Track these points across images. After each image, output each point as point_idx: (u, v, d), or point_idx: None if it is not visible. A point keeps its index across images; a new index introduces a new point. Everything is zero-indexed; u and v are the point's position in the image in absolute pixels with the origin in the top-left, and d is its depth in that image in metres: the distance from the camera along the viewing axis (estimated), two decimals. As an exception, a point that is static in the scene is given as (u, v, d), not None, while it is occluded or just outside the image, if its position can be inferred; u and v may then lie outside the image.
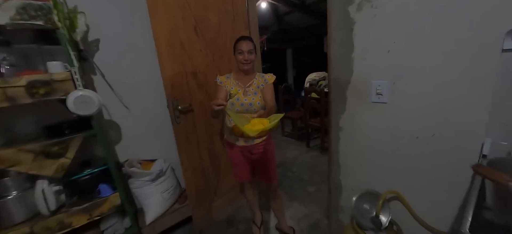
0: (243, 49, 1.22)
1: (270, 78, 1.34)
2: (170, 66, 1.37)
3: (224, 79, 1.32)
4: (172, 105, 1.41)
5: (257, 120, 1.00)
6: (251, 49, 1.23)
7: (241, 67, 1.26)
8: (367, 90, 1.09)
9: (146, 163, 1.70)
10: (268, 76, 1.35)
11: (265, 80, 1.33)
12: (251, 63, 1.26)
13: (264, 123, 0.97)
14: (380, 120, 1.08)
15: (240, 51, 1.22)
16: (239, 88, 1.30)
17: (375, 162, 1.16)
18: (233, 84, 1.30)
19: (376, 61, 1.03)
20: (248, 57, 1.23)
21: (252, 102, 1.27)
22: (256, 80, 1.32)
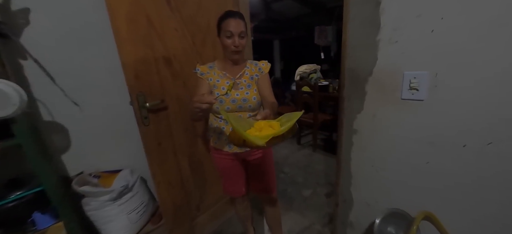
0: (232, 30, 0.90)
1: (265, 67, 1.05)
2: (133, 48, 1.01)
3: (206, 69, 1.00)
4: (137, 101, 1.05)
5: (263, 122, 0.71)
6: (243, 31, 0.92)
7: (230, 55, 0.95)
8: (396, 83, 0.84)
9: (108, 175, 1.33)
10: (262, 63, 1.05)
11: (259, 69, 1.04)
12: (242, 51, 0.96)
13: (274, 126, 0.68)
14: (412, 123, 0.84)
15: (228, 34, 0.91)
16: (227, 80, 0.98)
17: (402, 175, 0.93)
18: (219, 75, 0.99)
19: (413, 45, 0.78)
20: (239, 42, 0.92)
21: (247, 98, 0.97)
22: (249, 70, 1.02)
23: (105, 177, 1.31)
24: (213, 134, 1.07)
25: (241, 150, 1.05)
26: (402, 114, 0.86)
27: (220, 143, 1.06)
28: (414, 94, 0.81)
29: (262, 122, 0.71)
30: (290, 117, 0.71)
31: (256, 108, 1.02)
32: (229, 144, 1.04)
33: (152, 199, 1.46)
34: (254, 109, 1.01)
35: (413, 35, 0.77)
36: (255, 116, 0.85)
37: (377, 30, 0.84)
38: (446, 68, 0.73)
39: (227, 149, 1.05)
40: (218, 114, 1.01)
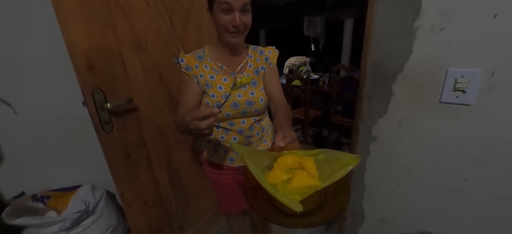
0: (231, 2, 0.60)
1: (273, 55, 0.79)
2: (83, 28, 0.71)
3: (194, 60, 0.71)
4: (94, 101, 0.77)
5: (291, 157, 0.49)
6: (247, 3, 0.63)
7: (227, 38, 0.66)
8: (435, 83, 0.67)
9: (61, 195, 1.03)
10: (268, 51, 0.79)
11: (266, 60, 0.78)
12: (245, 32, 0.68)
13: (308, 168, 0.47)
14: (452, 132, 0.69)
15: (226, 7, 0.60)
16: (224, 76, 0.73)
17: (429, 192, 0.79)
18: (213, 69, 0.72)
19: (464, 34, 0.60)
20: (241, 20, 0.63)
21: (252, 99, 0.73)
22: (252, 60, 0.77)
23: (56, 198, 1.01)
24: (208, 145, 0.83)
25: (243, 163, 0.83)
26: (439, 122, 0.70)
27: (217, 156, 0.82)
28: (459, 97, 0.64)
29: (289, 157, 0.49)
30: (333, 159, 0.47)
31: (263, 112, 0.78)
32: (230, 157, 0.81)
33: (123, 219, 1.19)
34: (261, 113, 0.78)
35: (466, 21, 0.59)
36: (268, 138, 0.61)
37: (416, 13, 0.65)
38: (508, 66, 0.57)
39: (228, 163, 0.82)
40: (216, 121, 0.76)
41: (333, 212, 0.43)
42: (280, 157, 0.49)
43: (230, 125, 0.75)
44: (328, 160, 0.49)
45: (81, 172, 1.11)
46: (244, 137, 0.77)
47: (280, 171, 0.48)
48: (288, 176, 0.47)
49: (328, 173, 0.45)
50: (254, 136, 0.79)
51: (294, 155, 0.49)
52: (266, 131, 0.85)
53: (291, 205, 0.39)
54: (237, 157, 0.81)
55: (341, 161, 0.46)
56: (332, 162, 0.47)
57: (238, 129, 0.76)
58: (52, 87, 0.97)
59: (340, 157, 0.47)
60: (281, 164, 0.49)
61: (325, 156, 0.50)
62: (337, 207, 0.45)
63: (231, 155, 0.81)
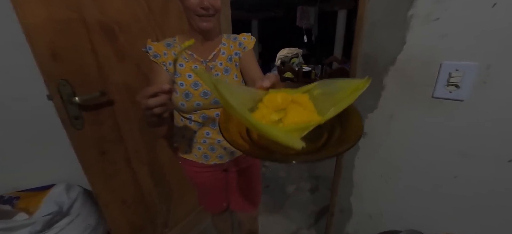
0: None
1: (249, 41, 0.74)
2: (43, 9, 0.63)
3: (162, 48, 0.67)
4: (60, 94, 0.69)
5: (281, 94, 0.40)
6: None
7: (197, 22, 0.62)
8: (428, 77, 0.64)
9: (33, 194, 0.96)
10: (243, 37, 0.74)
11: (240, 45, 0.73)
12: (215, 16, 0.64)
13: (303, 103, 0.40)
14: (443, 128, 0.66)
15: None
16: (195, 64, 0.68)
17: (419, 188, 0.77)
18: (183, 57, 0.68)
19: (461, 24, 0.56)
20: (210, 2, 0.59)
21: None
22: (225, 48, 0.72)
23: (26, 199, 0.93)
24: (182, 140, 0.77)
25: (223, 161, 0.78)
26: (430, 117, 0.67)
27: (191, 154, 0.77)
28: (452, 92, 0.61)
29: (277, 94, 0.40)
30: (333, 90, 0.39)
31: None
32: (204, 154, 0.76)
33: (103, 218, 1.13)
34: None
35: (463, 10, 0.55)
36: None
37: (410, 1, 0.60)
38: (506, 59, 0.54)
39: (203, 161, 0.77)
40: (185, 113, 0.71)
41: (341, 147, 0.34)
42: (267, 95, 0.40)
43: (202, 118, 0.70)
44: (327, 93, 0.40)
45: (55, 169, 1.03)
46: (218, 132, 0.72)
47: (267, 110, 0.39)
48: (279, 116, 0.38)
49: (329, 107, 0.37)
50: None
51: (283, 92, 0.40)
52: None
53: (290, 142, 0.31)
54: (212, 154, 0.76)
55: (344, 90, 0.38)
56: (332, 95, 0.39)
57: (211, 123, 0.71)
58: (12, 78, 0.87)
59: (343, 86, 0.38)
60: (268, 103, 0.39)
61: (322, 90, 0.41)
62: (348, 140, 0.35)
63: (206, 152, 0.75)
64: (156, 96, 0.44)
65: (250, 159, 0.86)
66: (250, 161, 0.87)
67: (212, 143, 0.74)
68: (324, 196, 1.83)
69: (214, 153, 0.76)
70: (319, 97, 0.41)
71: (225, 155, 0.77)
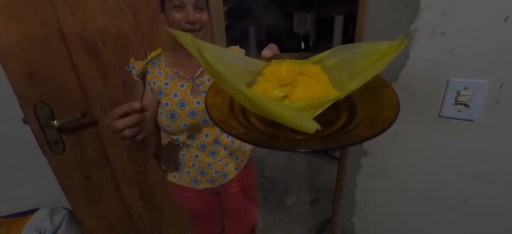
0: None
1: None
2: (17, 28, 0.58)
3: (147, 67, 0.61)
4: (37, 118, 0.64)
5: (285, 64, 0.33)
6: (200, 1, 0.56)
7: None
8: (435, 95, 0.59)
9: (14, 220, 0.89)
10: (231, 50, 0.71)
11: None
12: (202, 31, 0.59)
13: (313, 74, 0.32)
14: (452, 149, 0.61)
15: (177, 3, 0.54)
16: (181, 82, 0.63)
17: (425, 212, 0.72)
18: (168, 75, 0.63)
19: (470, 39, 0.52)
20: (194, 16, 0.55)
21: None
22: None
23: (7, 225, 0.87)
24: (169, 163, 0.72)
25: (214, 185, 0.72)
26: (438, 137, 0.62)
27: (180, 178, 0.72)
28: (461, 111, 0.56)
29: (282, 65, 0.33)
30: (352, 55, 0.31)
31: None
32: (194, 178, 0.70)
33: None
34: None
35: (472, 24, 0.51)
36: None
37: (414, 13, 0.56)
38: (521, 76, 0.49)
39: (193, 185, 0.71)
40: (171, 135, 0.66)
41: (374, 127, 0.24)
42: (268, 67, 0.34)
43: (191, 139, 0.65)
44: (344, 62, 0.32)
45: (38, 192, 0.97)
46: (207, 154, 0.67)
47: (270, 84, 0.32)
48: (284, 92, 0.31)
49: (347, 79, 0.29)
50: (220, 152, 0.69)
51: (288, 63, 0.33)
52: (239, 145, 0.73)
53: (302, 123, 0.23)
54: (202, 178, 0.70)
55: (367, 56, 0.30)
56: (351, 63, 0.31)
57: (200, 144, 0.66)
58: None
59: (365, 52, 0.30)
60: (270, 76, 0.32)
61: (337, 59, 0.33)
62: (378, 121, 0.25)
63: (196, 176, 0.70)
64: (125, 117, 0.38)
65: (245, 180, 0.81)
66: (244, 183, 0.81)
67: (201, 166, 0.68)
68: (325, 208, 1.77)
69: (204, 177, 0.70)
70: (334, 68, 0.33)
71: (216, 178, 0.71)
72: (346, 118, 0.30)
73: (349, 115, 0.30)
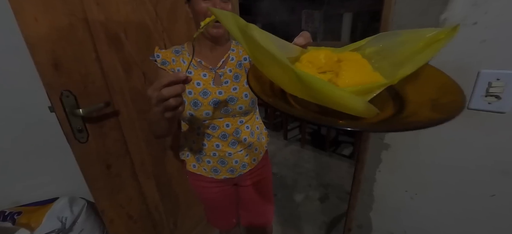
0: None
1: None
2: (44, 16, 0.59)
3: (170, 56, 0.63)
4: (63, 106, 0.65)
5: (324, 51, 0.33)
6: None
7: (208, 29, 0.58)
8: (464, 85, 0.56)
9: (35, 209, 0.91)
10: None
11: None
12: None
13: (358, 61, 0.32)
14: (481, 142, 0.60)
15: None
16: (203, 71, 0.64)
17: (449, 207, 0.71)
18: (191, 65, 0.64)
19: (503, 29, 0.51)
20: (222, 7, 0.56)
21: (235, 95, 0.64)
22: (235, 54, 0.68)
23: (29, 213, 0.89)
24: (189, 153, 0.73)
25: (234, 175, 0.73)
26: (465, 130, 0.61)
27: (200, 167, 0.72)
28: (492, 103, 0.55)
29: (320, 51, 0.33)
30: (399, 41, 0.31)
31: (249, 111, 0.69)
32: (214, 168, 0.71)
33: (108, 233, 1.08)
34: (247, 112, 0.68)
35: (505, 16, 0.49)
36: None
37: (444, 3, 0.55)
38: (559, 67, 0.48)
39: (212, 175, 0.72)
40: (193, 124, 0.67)
41: (441, 112, 0.23)
42: (306, 54, 0.34)
43: (212, 129, 0.66)
44: (385, 50, 0.32)
45: (58, 182, 0.99)
46: (228, 144, 0.68)
47: (310, 70, 0.31)
48: (327, 77, 0.30)
49: (390, 68, 0.29)
50: (241, 142, 0.69)
51: (327, 50, 0.34)
52: (257, 137, 0.74)
53: (360, 106, 0.23)
54: (222, 168, 0.71)
55: (412, 44, 0.29)
56: (393, 51, 0.31)
57: (221, 134, 0.67)
58: (15, 87, 0.83)
59: (409, 39, 0.30)
60: (308, 63, 0.32)
61: (377, 47, 0.33)
62: (445, 107, 0.24)
63: (216, 165, 0.70)
64: (170, 86, 0.39)
65: (262, 173, 0.81)
66: (262, 175, 0.81)
67: (222, 156, 0.69)
68: (335, 205, 1.76)
69: (224, 166, 0.70)
70: (374, 56, 0.33)
71: (236, 168, 0.71)
72: (394, 105, 0.29)
73: (397, 103, 0.29)
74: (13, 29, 0.68)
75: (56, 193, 0.97)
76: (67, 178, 1.00)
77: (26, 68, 0.81)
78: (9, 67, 0.81)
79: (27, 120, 0.89)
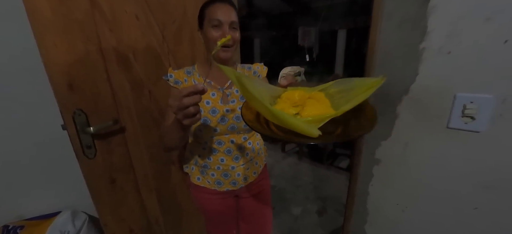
0: (220, 18, 0.62)
1: (262, 70, 0.80)
2: (63, 42, 0.64)
3: (183, 76, 0.70)
4: (75, 124, 0.69)
5: (298, 91, 0.44)
6: (234, 21, 0.65)
7: (218, 53, 0.65)
8: (443, 107, 0.64)
9: (37, 223, 0.93)
10: (256, 67, 0.80)
11: (254, 73, 0.78)
12: (234, 47, 0.67)
13: (319, 99, 0.43)
14: (461, 159, 0.65)
15: (216, 23, 0.62)
16: (212, 91, 0.70)
17: (436, 219, 0.75)
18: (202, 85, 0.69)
19: (474, 58, 0.58)
20: (231, 35, 0.63)
21: (240, 114, 0.69)
22: None
23: (31, 227, 0.90)
24: (195, 166, 0.77)
25: (236, 187, 0.77)
26: (446, 147, 0.66)
27: (204, 180, 0.76)
28: (468, 123, 0.61)
29: (295, 91, 0.44)
30: (349, 87, 0.43)
31: None
32: (217, 180, 0.75)
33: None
34: (251, 130, 0.74)
35: (476, 45, 0.56)
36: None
37: (422, 34, 0.62)
38: (522, 92, 0.54)
39: (216, 187, 0.76)
40: (201, 139, 0.72)
41: (355, 132, 0.38)
42: (285, 92, 0.45)
43: (218, 144, 0.71)
44: (343, 91, 0.44)
45: (60, 196, 1.01)
46: (232, 158, 0.74)
47: (286, 105, 0.42)
48: (296, 111, 0.42)
49: (344, 103, 0.40)
50: (243, 156, 0.75)
51: (300, 90, 0.44)
52: (257, 153, 0.80)
53: (308, 131, 0.33)
54: (225, 181, 0.75)
55: (359, 87, 0.41)
56: (347, 92, 0.43)
57: (226, 149, 0.72)
58: (25, 104, 0.88)
59: (358, 84, 0.42)
60: (286, 99, 0.43)
61: (337, 88, 0.45)
62: (362, 128, 0.38)
63: (219, 178, 0.75)
64: (191, 96, 0.44)
65: (261, 185, 0.85)
66: (261, 186, 0.85)
67: (226, 170, 0.74)
68: (333, 218, 1.78)
69: (227, 179, 0.75)
70: (335, 94, 0.45)
71: (238, 181, 0.76)
72: (340, 131, 0.40)
73: (343, 128, 0.40)
74: (27, 50, 0.74)
75: (58, 207, 0.99)
76: (70, 193, 1.03)
77: (33, 88, 0.87)
78: (17, 87, 0.86)
79: (31, 138, 0.92)
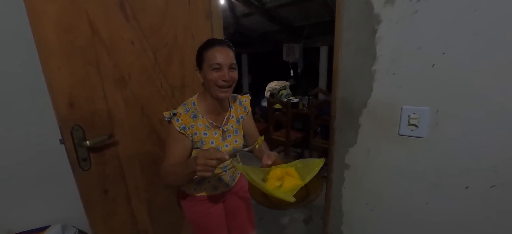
0: (220, 62, 0.71)
1: (247, 102, 0.94)
2: (66, 65, 0.72)
3: (189, 120, 0.75)
4: (72, 139, 0.76)
5: (280, 169, 0.67)
6: (233, 63, 0.75)
7: (216, 92, 0.73)
8: (394, 118, 0.77)
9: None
10: (244, 100, 0.93)
11: (245, 109, 0.92)
12: (233, 87, 0.77)
13: (291, 174, 0.66)
14: (411, 160, 0.78)
15: (216, 66, 0.71)
16: (214, 130, 0.81)
17: (398, 215, 0.86)
18: (206, 126, 0.79)
19: (412, 78, 0.72)
20: (230, 76, 0.73)
21: (236, 147, 0.85)
22: (233, 111, 0.88)
23: (20, 241, 0.92)
24: (189, 184, 0.87)
25: (229, 188, 0.91)
26: (400, 151, 0.79)
27: (201, 188, 0.87)
28: (413, 130, 0.74)
29: (278, 170, 0.67)
30: (307, 164, 0.67)
31: (240, 152, 0.92)
32: (214, 185, 0.87)
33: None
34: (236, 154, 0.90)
35: (412, 68, 0.71)
36: (262, 160, 0.73)
37: (373, 59, 0.76)
38: (448, 105, 0.68)
39: (212, 192, 0.87)
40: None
41: (313, 197, 0.63)
42: (271, 171, 0.67)
43: None
44: (305, 165, 0.68)
45: (50, 209, 1.03)
46: (225, 170, 0.87)
47: (274, 180, 0.65)
48: (280, 183, 0.65)
49: (306, 174, 0.64)
50: (231, 168, 0.89)
51: (280, 168, 0.68)
52: (237, 161, 0.96)
53: (287, 198, 0.56)
54: (219, 184, 0.87)
55: (313, 165, 0.66)
56: (307, 166, 0.67)
57: (223, 166, 0.86)
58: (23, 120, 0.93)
59: (311, 163, 0.67)
60: (273, 175, 0.66)
61: (301, 164, 0.69)
62: (315, 193, 0.64)
63: (215, 183, 0.86)
64: (216, 160, 0.57)
65: (241, 182, 0.98)
66: (241, 183, 0.98)
67: (219, 173, 0.85)
68: (318, 226, 1.85)
69: (221, 182, 0.87)
70: (301, 168, 0.68)
71: (230, 182, 0.90)
72: (306, 192, 0.65)
73: (307, 190, 0.66)
74: (15, 72, 0.81)
75: (48, 221, 1.01)
76: (60, 206, 1.05)
77: (23, 104, 0.92)
78: (9, 104, 0.91)
79: (21, 153, 0.96)
